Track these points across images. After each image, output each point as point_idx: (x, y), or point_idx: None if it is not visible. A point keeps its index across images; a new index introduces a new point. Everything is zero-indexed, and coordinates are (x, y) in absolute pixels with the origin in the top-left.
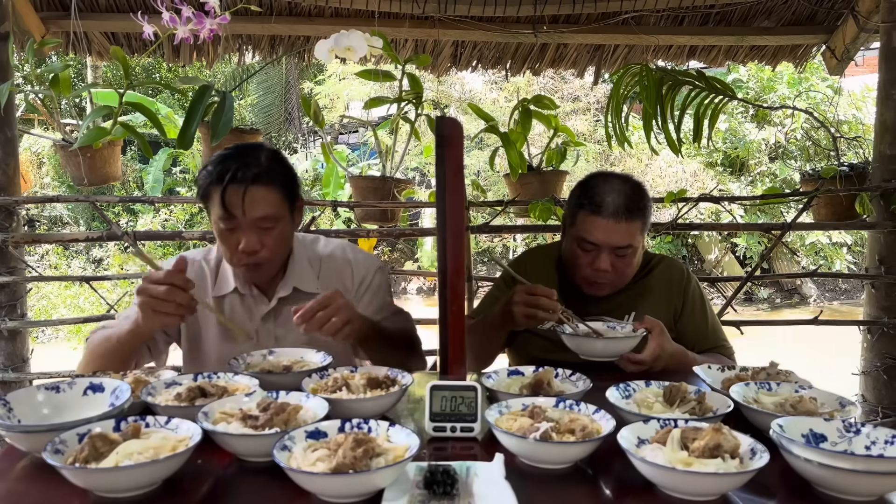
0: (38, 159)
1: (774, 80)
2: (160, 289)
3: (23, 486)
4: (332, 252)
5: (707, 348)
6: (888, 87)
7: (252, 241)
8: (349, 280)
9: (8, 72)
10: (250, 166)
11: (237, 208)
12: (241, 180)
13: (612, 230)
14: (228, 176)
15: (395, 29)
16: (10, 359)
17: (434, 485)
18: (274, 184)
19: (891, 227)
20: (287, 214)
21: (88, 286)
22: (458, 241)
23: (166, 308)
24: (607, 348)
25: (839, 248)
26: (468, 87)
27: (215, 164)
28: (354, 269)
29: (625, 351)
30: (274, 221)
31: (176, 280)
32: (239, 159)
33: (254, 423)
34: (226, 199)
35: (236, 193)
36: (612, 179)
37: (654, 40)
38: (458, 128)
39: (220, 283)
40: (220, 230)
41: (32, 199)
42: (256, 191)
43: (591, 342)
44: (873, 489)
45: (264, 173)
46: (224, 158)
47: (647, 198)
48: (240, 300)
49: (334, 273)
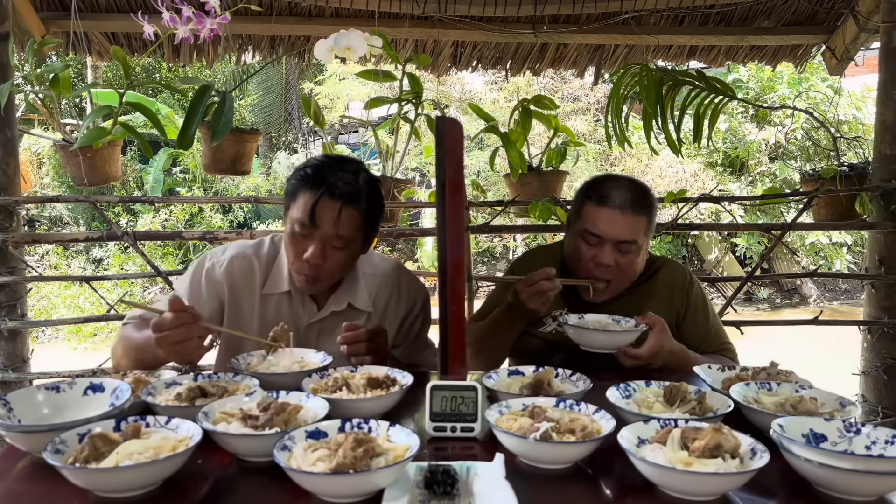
0: (38, 159)
1: (774, 81)
2: (174, 334)
3: (23, 486)
4: (386, 272)
5: (710, 351)
6: (888, 87)
7: (319, 253)
8: (394, 305)
9: (8, 72)
10: (349, 183)
11: (324, 221)
12: (337, 196)
13: (618, 222)
14: (325, 187)
15: (395, 29)
16: (11, 359)
17: (434, 485)
18: (363, 209)
19: (891, 227)
20: (361, 239)
21: (88, 286)
22: (458, 241)
23: (187, 348)
24: (608, 340)
25: (839, 248)
26: (468, 87)
27: (315, 169)
28: (403, 297)
29: (625, 344)
30: (347, 242)
31: (184, 320)
32: (339, 172)
33: (254, 423)
34: (316, 208)
35: (327, 207)
36: (619, 178)
37: (654, 40)
38: (458, 128)
39: (273, 282)
40: (293, 232)
41: (32, 199)
42: (346, 210)
43: (592, 333)
44: (873, 489)
45: (359, 195)
46: (324, 166)
47: (652, 197)
48: (288, 302)
49: (385, 295)
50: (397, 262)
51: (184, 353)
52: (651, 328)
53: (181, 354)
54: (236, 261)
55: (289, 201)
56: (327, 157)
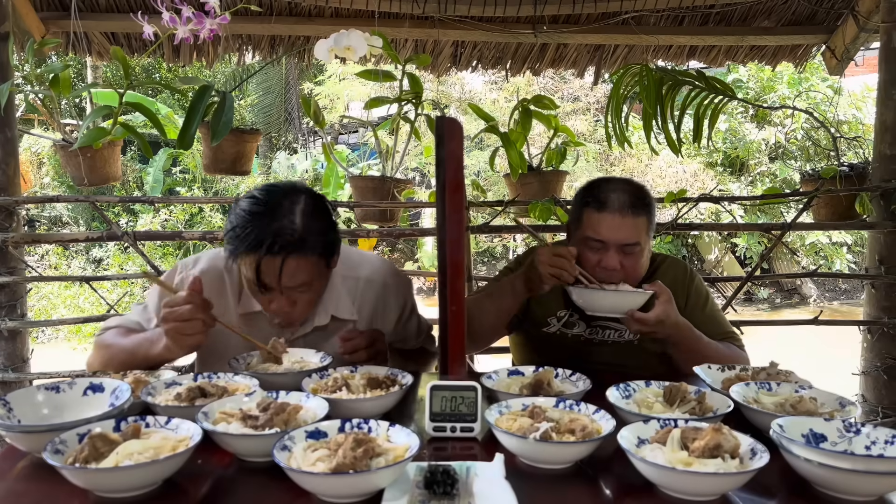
0: (38, 159)
1: (774, 80)
2: (184, 311)
3: (23, 487)
4: (370, 276)
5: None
6: (888, 87)
7: (284, 304)
8: (382, 310)
9: (8, 72)
10: (286, 231)
11: (273, 278)
12: (278, 252)
13: (619, 225)
14: (264, 247)
15: (395, 29)
16: (10, 359)
17: (434, 485)
18: (313, 251)
19: (891, 227)
20: (324, 271)
21: (88, 286)
22: (458, 241)
23: (193, 328)
24: (614, 302)
25: (839, 248)
26: (468, 87)
27: (245, 227)
28: (392, 299)
29: (631, 307)
30: (309, 285)
31: (195, 300)
32: (272, 221)
33: (254, 423)
34: (260, 270)
35: (272, 265)
36: (615, 180)
37: (654, 40)
38: (458, 128)
39: (247, 300)
40: (252, 288)
41: (32, 199)
42: (292, 261)
43: (598, 295)
44: (873, 489)
45: (302, 240)
46: (255, 218)
47: (650, 197)
48: (266, 320)
49: (371, 301)
50: (378, 262)
51: (185, 333)
52: (657, 297)
53: (182, 334)
54: (206, 275)
55: (232, 255)
56: (254, 202)
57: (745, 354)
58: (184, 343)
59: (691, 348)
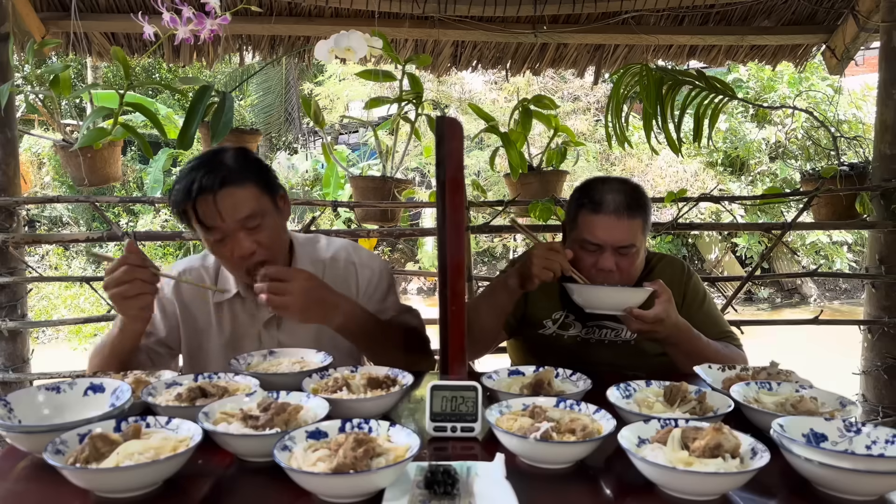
0: (39, 160)
1: (774, 80)
2: (120, 273)
3: (23, 487)
4: (335, 255)
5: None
6: (888, 86)
7: (244, 244)
8: (354, 283)
9: (8, 72)
10: (215, 171)
11: (214, 217)
12: (210, 187)
13: (614, 227)
14: (195, 187)
15: (395, 29)
16: (11, 359)
17: (435, 485)
18: (245, 180)
19: (891, 227)
20: (270, 207)
21: (88, 286)
22: (458, 241)
23: (134, 289)
24: (613, 299)
25: (839, 248)
26: (468, 87)
27: (180, 180)
28: (360, 271)
29: (630, 304)
30: (259, 218)
31: (130, 259)
32: (202, 167)
33: (254, 424)
34: (199, 211)
35: (208, 202)
36: (610, 181)
37: (654, 40)
38: (458, 128)
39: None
40: (209, 244)
41: (32, 199)
42: (228, 193)
43: (598, 292)
44: (874, 489)
45: (232, 173)
46: (188, 171)
47: (646, 197)
48: (241, 305)
49: (339, 277)
50: (346, 242)
51: (128, 296)
52: (657, 295)
53: (126, 297)
54: (185, 275)
55: (188, 224)
56: (188, 162)
57: (743, 354)
58: (131, 308)
59: (690, 348)
